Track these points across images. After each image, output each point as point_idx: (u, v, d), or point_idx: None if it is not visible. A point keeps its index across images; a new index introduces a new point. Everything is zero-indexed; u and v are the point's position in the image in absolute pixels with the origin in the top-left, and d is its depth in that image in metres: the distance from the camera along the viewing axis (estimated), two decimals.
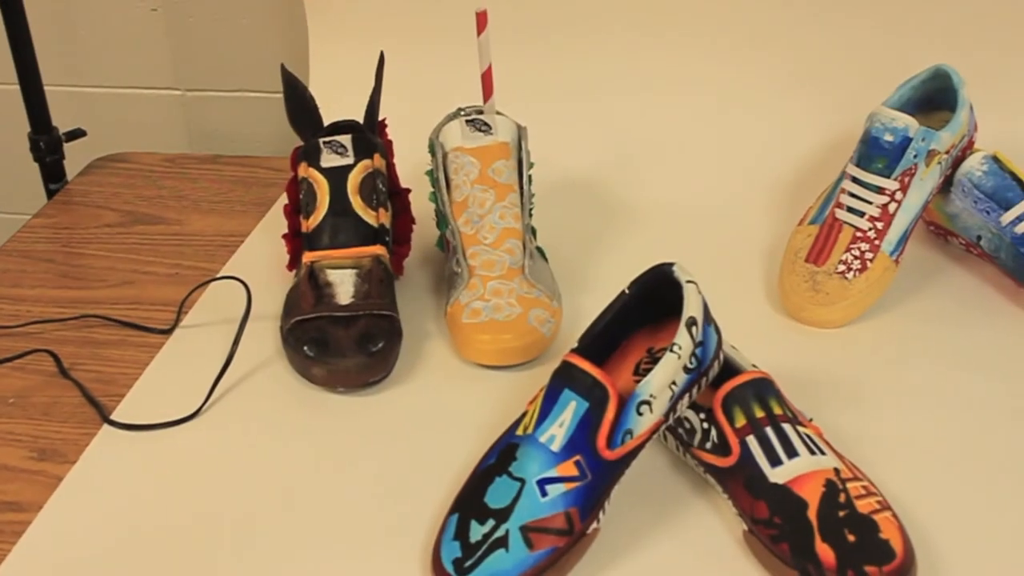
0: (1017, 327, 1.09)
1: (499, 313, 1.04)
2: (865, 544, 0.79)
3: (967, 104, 1.13)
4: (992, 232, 1.12)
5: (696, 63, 1.35)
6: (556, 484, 0.81)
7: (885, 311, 1.11)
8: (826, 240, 1.10)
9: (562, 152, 1.34)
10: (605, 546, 0.85)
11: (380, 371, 1.01)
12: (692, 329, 0.84)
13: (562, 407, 0.82)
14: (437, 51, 1.38)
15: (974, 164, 1.13)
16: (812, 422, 0.91)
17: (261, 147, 1.55)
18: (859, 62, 1.32)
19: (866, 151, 1.10)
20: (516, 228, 1.08)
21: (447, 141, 1.12)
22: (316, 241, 1.08)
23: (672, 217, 1.27)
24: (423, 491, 0.90)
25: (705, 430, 0.87)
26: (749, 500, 0.84)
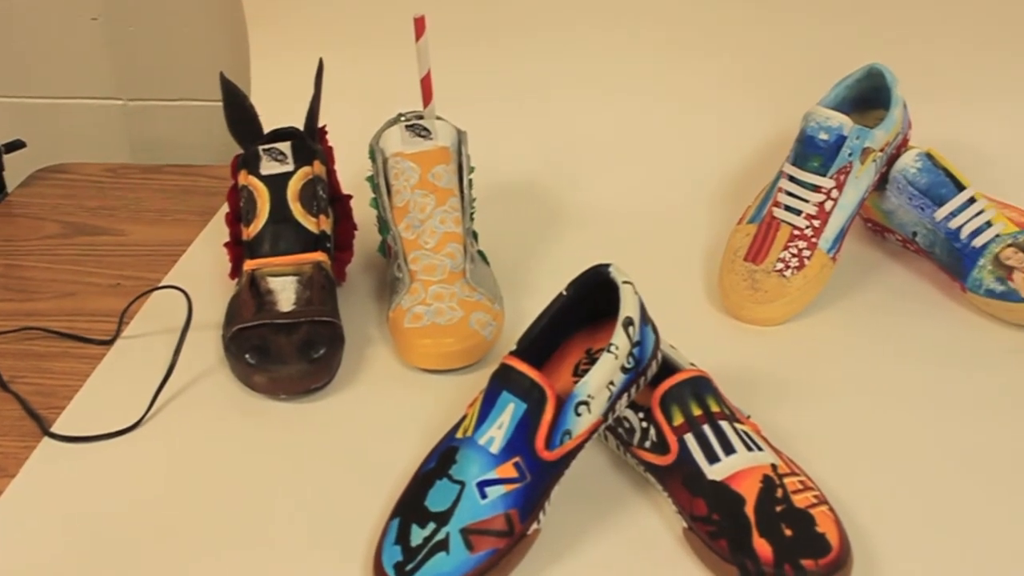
0: (952, 321, 1.11)
1: (441, 317, 1.04)
2: (802, 538, 0.80)
3: (901, 102, 1.15)
4: (927, 228, 1.13)
5: (635, 64, 1.36)
6: (496, 486, 0.82)
7: (824, 308, 1.12)
8: (764, 239, 1.11)
9: (504, 156, 1.35)
10: (546, 546, 0.85)
11: (322, 377, 1.01)
12: (629, 329, 0.85)
13: (500, 409, 0.83)
14: (378, 57, 1.38)
15: (908, 161, 1.14)
16: (750, 419, 0.91)
17: (205, 156, 1.54)
18: (798, 61, 1.33)
19: (802, 150, 1.11)
20: (457, 232, 1.09)
21: (387, 147, 1.12)
22: (257, 249, 1.08)
23: (614, 218, 1.28)
24: (365, 496, 0.90)
25: (644, 429, 0.88)
26: (688, 497, 0.85)
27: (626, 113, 1.36)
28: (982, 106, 1.32)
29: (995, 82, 1.31)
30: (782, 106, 1.31)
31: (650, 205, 1.29)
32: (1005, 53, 1.30)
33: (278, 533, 0.87)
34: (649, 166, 1.34)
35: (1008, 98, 1.31)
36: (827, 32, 1.32)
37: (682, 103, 1.36)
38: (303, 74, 1.29)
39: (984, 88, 1.31)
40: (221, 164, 1.44)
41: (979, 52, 1.30)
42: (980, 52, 1.30)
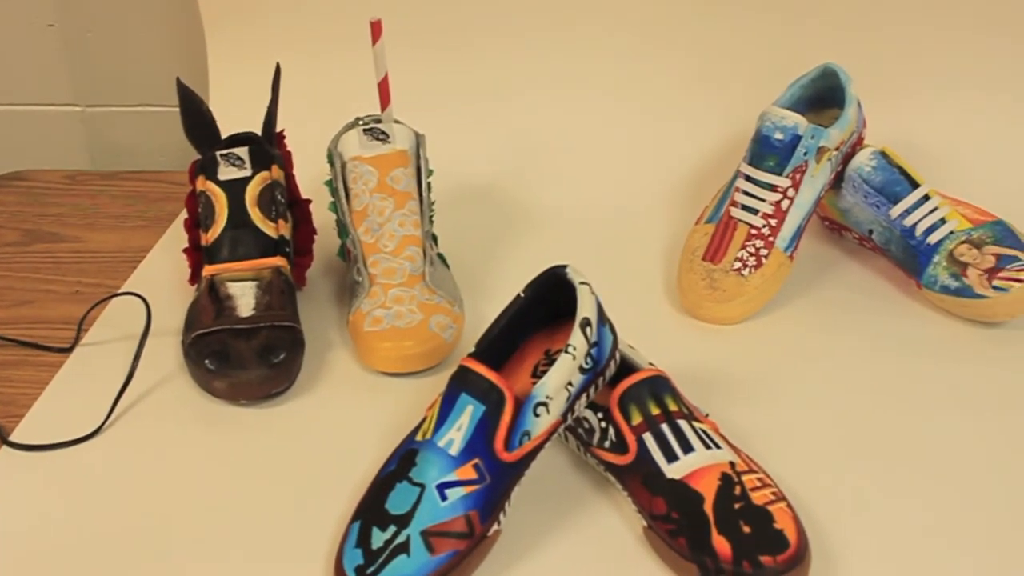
0: (908, 318, 1.12)
1: (400, 320, 1.04)
2: (760, 535, 0.81)
3: (855, 101, 1.16)
4: (883, 226, 1.14)
5: (592, 66, 1.36)
6: (455, 488, 0.82)
7: (782, 306, 1.13)
8: (722, 238, 1.12)
9: (463, 158, 1.35)
10: (507, 547, 0.86)
11: (282, 382, 1.01)
12: (586, 330, 0.85)
13: (459, 411, 0.83)
14: (336, 62, 1.38)
15: (863, 160, 1.15)
16: (708, 417, 0.92)
17: (165, 162, 1.54)
18: (754, 61, 1.34)
19: (758, 150, 1.12)
20: (416, 235, 1.09)
21: (345, 151, 1.12)
22: (216, 254, 1.08)
23: (573, 219, 1.28)
24: (326, 500, 0.90)
25: (603, 429, 0.89)
26: (647, 496, 0.85)
27: (583, 115, 1.37)
28: (936, 104, 1.33)
29: (949, 80, 1.32)
30: (739, 106, 1.32)
31: (609, 206, 1.30)
32: (958, 52, 1.31)
33: (239, 538, 0.87)
34: (607, 167, 1.34)
35: (961, 96, 1.32)
36: (783, 32, 1.33)
37: (639, 104, 1.36)
38: (261, 79, 1.29)
39: (938, 86, 1.33)
40: (180, 170, 1.43)
41: (932, 51, 1.31)
42: (933, 51, 1.31)
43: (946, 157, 1.29)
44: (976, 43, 1.30)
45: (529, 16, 1.35)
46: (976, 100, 1.32)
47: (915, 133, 1.30)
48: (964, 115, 1.32)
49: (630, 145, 1.35)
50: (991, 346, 1.08)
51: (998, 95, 1.32)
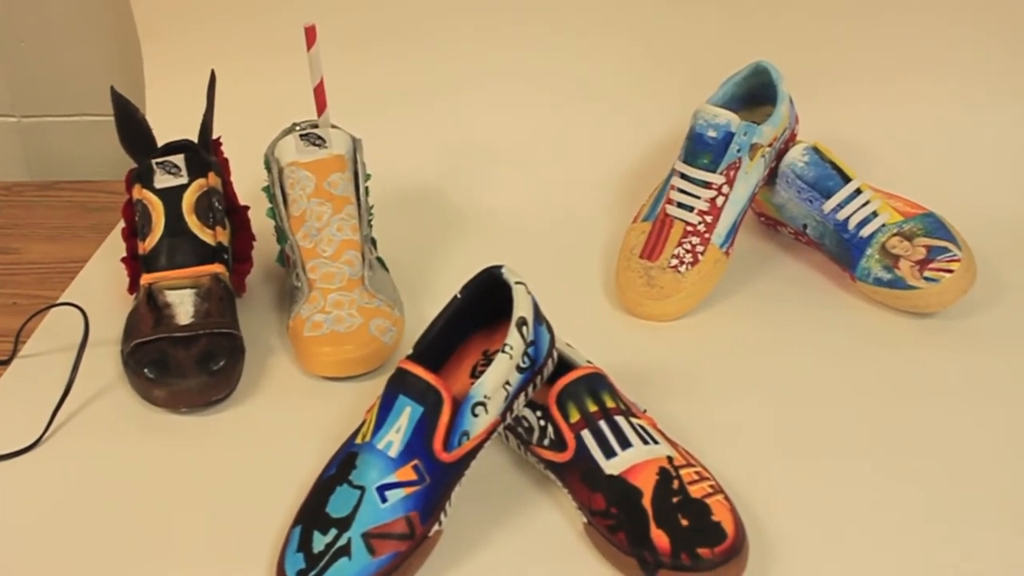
0: (843, 310, 1.13)
1: (340, 325, 1.04)
2: (698, 527, 0.82)
3: (787, 98, 1.17)
4: (816, 220, 1.16)
5: (527, 66, 1.37)
6: (395, 489, 0.82)
7: (719, 302, 1.15)
8: (659, 236, 1.13)
9: (401, 161, 1.35)
10: (449, 547, 0.86)
11: (222, 389, 1.01)
12: (523, 329, 0.86)
13: (398, 413, 0.83)
14: (273, 68, 1.38)
15: (796, 155, 1.17)
16: (646, 413, 0.93)
17: (104, 171, 1.53)
18: (689, 60, 1.35)
19: (692, 147, 1.13)
20: (354, 240, 1.09)
21: (282, 156, 1.12)
22: (153, 263, 1.08)
23: (513, 219, 1.29)
24: (268, 506, 0.90)
25: (542, 427, 0.89)
26: (587, 493, 0.86)
27: (520, 116, 1.38)
28: (867, 100, 1.35)
29: (879, 76, 1.34)
30: (676, 105, 1.33)
31: (547, 206, 1.30)
32: (887, 49, 1.33)
33: (181, 547, 0.87)
34: (545, 168, 1.35)
35: (892, 91, 1.34)
36: (719, 30, 1.34)
37: (577, 104, 1.37)
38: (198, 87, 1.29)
39: (869, 82, 1.34)
40: (119, 179, 1.42)
41: (863, 48, 1.33)
42: (864, 48, 1.33)
43: (878, 151, 1.31)
44: (905, 40, 1.32)
45: (464, 18, 1.35)
46: (906, 95, 1.34)
47: (847, 128, 1.32)
48: (895, 110, 1.34)
49: (568, 145, 1.36)
50: (924, 336, 1.09)
51: (928, 90, 1.34)
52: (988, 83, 1.34)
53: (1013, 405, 1.00)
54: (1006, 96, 1.34)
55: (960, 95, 1.34)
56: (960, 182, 1.30)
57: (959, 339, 1.09)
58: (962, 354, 1.07)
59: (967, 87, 1.34)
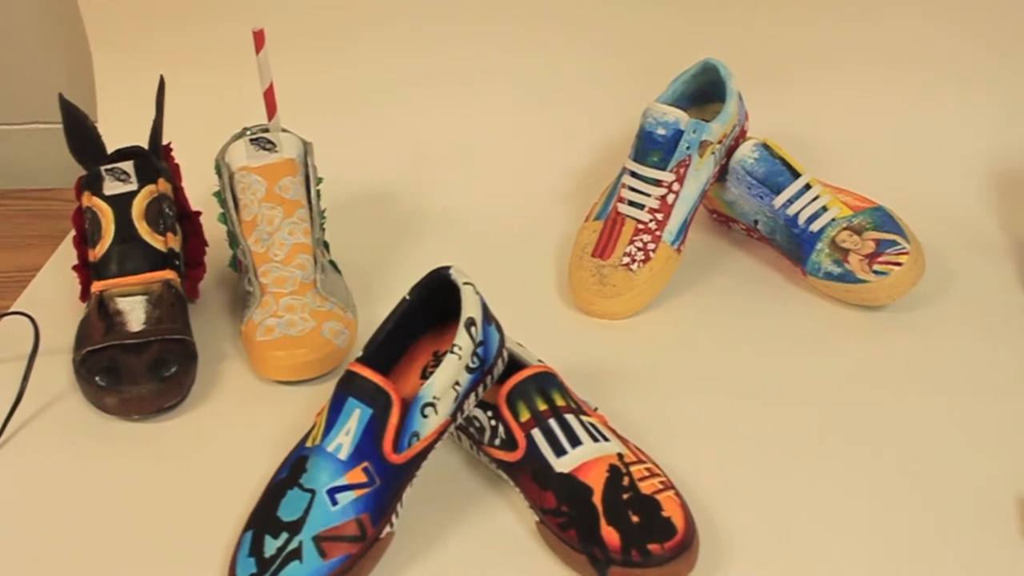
0: (795, 305, 1.14)
1: (293, 328, 1.04)
2: (648, 523, 0.82)
3: (735, 95, 1.18)
4: (767, 216, 1.17)
5: (478, 66, 1.37)
6: (346, 492, 0.82)
7: (672, 298, 1.15)
8: (610, 234, 1.14)
9: (353, 164, 1.35)
10: (401, 548, 0.86)
11: (174, 396, 1.01)
12: (471, 329, 0.86)
13: (347, 416, 0.84)
14: (223, 73, 1.37)
15: (746, 152, 1.18)
16: (597, 411, 0.93)
17: (57, 179, 1.52)
18: (642, 59, 1.36)
19: (641, 145, 1.14)
20: (306, 243, 1.09)
21: (233, 161, 1.12)
22: (104, 270, 1.07)
23: (465, 220, 1.29)
24: (221, 511, 0.90)
25: (493, 427, 0.90)
26: (538, 491, 0.86)
27: (472, 115, 1.38)
28: (816, 96, 1.36)
29: (827, 73, 1.35)
30: (626, 103, 1.34)
31: (500, 206, 1.31)
32: (835, 46, 1.34)
33: (133, 553, 0.87)
34: (497, 167, 1.35)
35: (841, 87, 1.35)
36: (667, 29, 1.34)
37: (526, 104, 1.38)
38: (150, 94, 1.29)
39: (817, 79, 1.35)
40: (71, 187, 1.42)
41: (811, 45, 1.34)
42: (812, 45, 1.34)
43: (827, 146, 1.32)
44: (853, 37, 1.33)
45: (414, 20, 1.35)
46: (855, 90, 1.35)
47: (797, 124, 1.33)
48: (843, 105, 1.35)
49: (519, 145, 1.37)
50: (874, 329, 1.10)
51: (875, 85, 1.35)
52: (933, 77, 1.35)
53: (962, 395, 1.01)
54: (951, 90, 1.35)
55: (906, 89, 1.35)
56: (908, 176, 1.31)
57: (909, 331, 1.10)
58: (912, 346, 1.08)
59: (913, 82, 1.35)
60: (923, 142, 1.34)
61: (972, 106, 1.35)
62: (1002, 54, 1.33)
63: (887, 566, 0.84)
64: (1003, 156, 1.33)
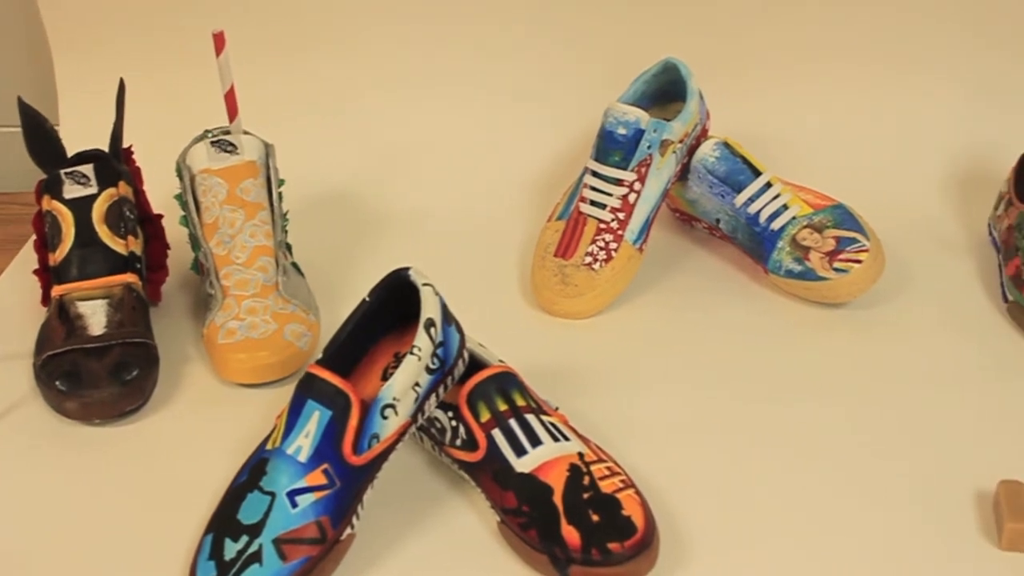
0: (757, 303, 1.15)
1: (254, 331, 1.04)
2: (608, 522, 0.83)
3: (696, 94, 1.18)
4: (729, 214, 1.17)
5: (442, 68, 1.37)
6: (305, 494, 0.82)
7: (634, 298, 1.16)
8: (572, 234, 1.14)
9: (317, 166, 1.35)
10: (362, 550, 0.86)
11: (136, 400, 1.01)
12: (431, 330, 0.86)
13: (306, 418, 0.84)
14: (185, 75, 1.37)
15: (707, 151, 1.18)
16: (558, 410, 0.94)
17: (17, 183, 1.51)
18: (604, 59, 1.36)
19: (603, 145, 1.14)
20: (268, 246, 1.09)
21: (194, 164, 1.12)
22: (64, 274, 1.07)
23: (429, 221, 1.29)
24: (183, 514, 0.90)
25: (454, 428, 0.90)
26: (499, 491, 0.86)
27: (435, 116, 1.38)
28: (777, 94, 1.36)
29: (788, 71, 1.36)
30: (588, 103, 1.34)
31: (463, 207, 1.31)
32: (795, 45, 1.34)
33: (94, 558, 0.87)
34: (461, 168, 1.35)
35: (801, 86, 1.36)
36: (629, 28, 1.35)
37: (490, 104, 1.38)
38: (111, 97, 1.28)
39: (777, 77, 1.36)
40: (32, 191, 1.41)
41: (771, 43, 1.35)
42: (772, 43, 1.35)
43: (788, 144, 1.33)
44: (813, 36, 1.34)
45: (376, 21, 1.35)
46: (815, 88, 1.36)
47: (757, 123, 1.34)
48: (804, 103, 1.36)
49: (481, 146, 1.37)
50: (835, 326, 1.11)
51: (835, 83, 1.36)
52: (894, 76, 1.36)
53: (923, 392, 1.02)
54: (911, 88, 1.36)
55: (867, 88, 1.36)
56: (869, 173, 1.32)
57: (870, 328, 1.11)
58: (872, 343, 1.08)
59: (874, 80, 1.36)
60: (884, 140, 1.35)
61: (932, 104, 1.36)
62: (963, 52, 1.34)
63: (848, 562, 0.85)
64: (963, 153, 1.34)
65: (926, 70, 1.35)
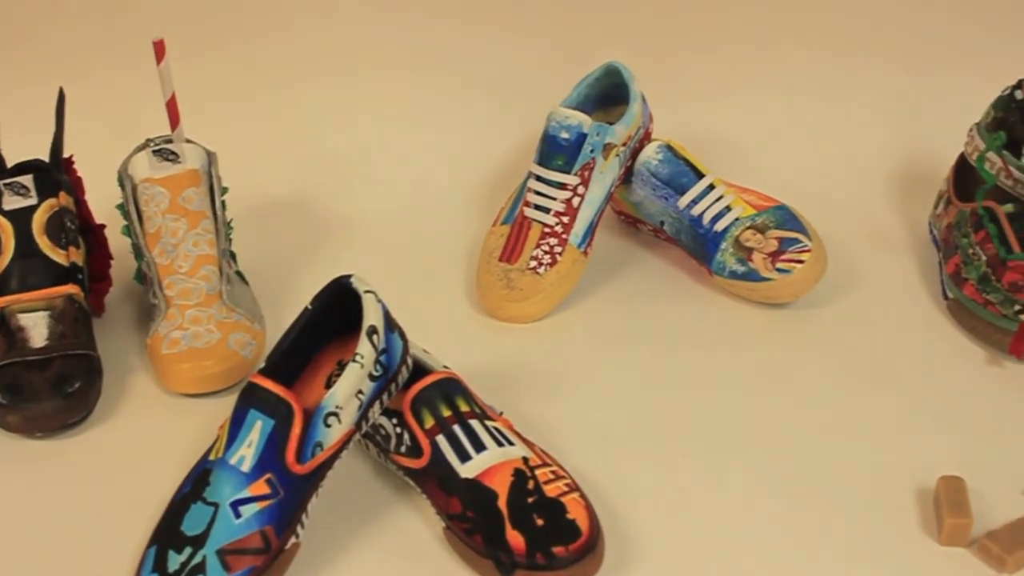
0: (700, 305, 1.15)
1: (198, 341, 1.04)
2: (553, 526, 0.83)
3: (639, 97, 1.19)
4: (672, 216, 1.18)
5: (386, 73, 1.37)
6: (249, 504, 0.82)
7: (580, 301, 1.16)
8: (517, 238, 1.14)
9: (262, 173, 1.34)
10: (309, 559, 0.86)
11: (78, 412, 1.00)
12: (373, 337, 0.86)
13: (249, 428, 0.83)
14: (126, 85, 1.36)
15: (650, 153, 1.19)
16: (503, 415, 0.94)
17: None
18: (550, 63, 1.37)
19: (546, 149, 1.15)
20: (211, 254, 1.08)
21: (136, 173, 1.11)
22: (4, 286, 1.06)
23: (376, 227, 1.28)
24: (126, 527, 0.90)
25: (399, 434, 0.90)
26: (444, 497, 0.87)
27: (380, 122, 1.38)
28: (719, 96, 1.38)
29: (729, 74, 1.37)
30: (534, 108, 1.34)
31: (410, 213, 1.30)
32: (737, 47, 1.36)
33: (38, 572, 0.86)
34: (405, 174, 1.35)
35: (742, 88, 1.38)
36: (573, 33, 1.36)
37: (435, 110, 1.38)
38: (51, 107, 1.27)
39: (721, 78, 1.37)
40: None
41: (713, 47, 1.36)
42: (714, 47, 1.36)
43: (731, 147, 1.34)
44: (755, 39, 1.35)
45: (320, 28, 1.35)
46: (757, 90, 1.38)
47: (700, 125, 1.35)
48: (747, 106, 1.37)
49: (428, 151, 1.37)
50: (778, 326, 1.12)
51: (776, 84, 1.37)
52: (835, 77, 1.37)
53: (865, 390, 1.03)
54: (852, 89, 1.37)
55: (808, 90, 1.38)
56: (811, 174, 1.33)
57: (813, 327, 1.12)
58: (816, 342, 1.09)
59: (815, 82, 1.37)
60: (826, 141, 1.36)
61: (873, 105, 1.37)
62: (900, 54, 1.36)
63: (791, 560, 0.86)
64: (903, 154, 1.36)
65: (867, 73, 1.36)
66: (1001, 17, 1.35)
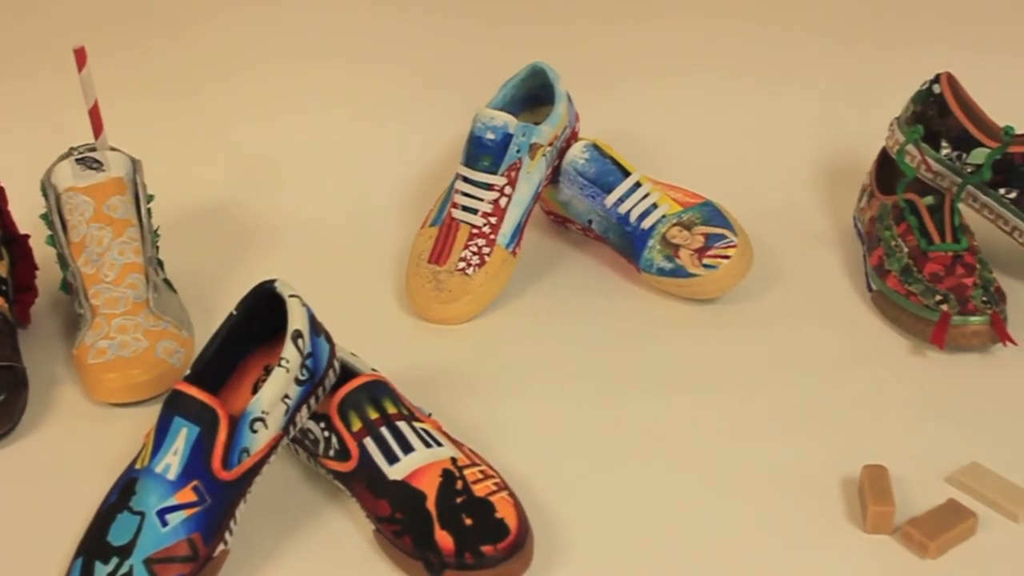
0: (630, 301, 1.16)
1: (125, 349, 1.03)
2: (481, 525, 0.83)
3: (564, 97, 1.19)
4: (600, 215, 1.19)
5: (314, 78, 1.37)
6: (176, 512, 0.82)
7: (510, 301, 1.16)
8: (445, 240, 1.14)
9: (188, 180, 1.34)
10: (238, 565, 0.86)
11: (3, 425, 0.99)
12: (299, 342, 0.86)
13: (174, 435, 0.83)
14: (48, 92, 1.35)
15: (576, 153, 1.19)
16: (431, 416, 0.94)
17: None
18: (477, 64, 1.37)
19: (472, 151, 1.15)
20: (137, 263, 1.08)
21: (59, 182, 1.10)
22: None
23: (304, 232, 1.28)
24: (54, 539, 0.89)
25: (327, 438, 0.90)
26: (372, 500, 0.87)
27: (308, 127, 1.38)
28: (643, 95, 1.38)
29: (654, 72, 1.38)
30: (461, 110, 1.35)
31: (339, 217, 1.30)
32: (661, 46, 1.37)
33: None
34: (333, 178, 1.35)
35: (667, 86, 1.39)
36: (499, 34, 1.36)
37: (363, 113, 1.38)
38: None
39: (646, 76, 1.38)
40: None
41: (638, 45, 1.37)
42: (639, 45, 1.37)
43: (656, 144, 1.35)
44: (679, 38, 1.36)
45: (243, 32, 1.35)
46: (683, 90, 1.39)
47: (626, 123, 1.36)
48: (672, 104, 1.38)
49: (356, 155, 1.37)
50: (706, 321, 1.13)
51: (701, 82, 1.39)
52: (759, 75, 1.39)
53: (791, 382, 1.04)
54: (775, 87, 1.39)
55: (733, 87, 1.39)
56: (736, 171, 1.34)
57: (739, 321, 1.13)
58: (743, 336, 1.11)
59: (739, 80, 1.39)
60: (750, 138, 1.37)
61: (796, 102, 1.39)
62: (823, 51, 1.37)
63: (720, 552, 0.87)
64: (827, 149, 1.37)
65: (788, 70, 1.38)
66: (919, 13, 1.37)
